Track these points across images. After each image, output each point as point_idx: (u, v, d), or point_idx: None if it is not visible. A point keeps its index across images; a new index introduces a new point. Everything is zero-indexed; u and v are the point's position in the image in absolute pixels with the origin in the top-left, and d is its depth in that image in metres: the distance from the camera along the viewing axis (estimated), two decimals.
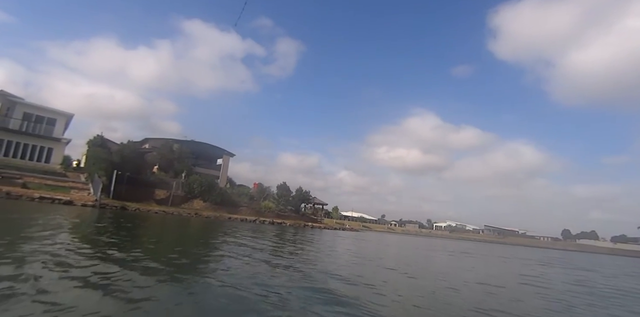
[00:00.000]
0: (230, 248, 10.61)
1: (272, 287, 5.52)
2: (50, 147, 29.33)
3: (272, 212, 39.26)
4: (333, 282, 6.49)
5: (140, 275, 5.52)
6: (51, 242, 7.44)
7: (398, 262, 12.99)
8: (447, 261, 17.05)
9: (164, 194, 31.29)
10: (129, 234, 11.50)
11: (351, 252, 15.18)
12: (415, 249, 23.46)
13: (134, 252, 7.68)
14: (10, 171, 22.39)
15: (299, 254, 11.29)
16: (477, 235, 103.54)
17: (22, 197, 18.89)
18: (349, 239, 26.56)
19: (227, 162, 47.14)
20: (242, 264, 8.01)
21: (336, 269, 8.48)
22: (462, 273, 11.59)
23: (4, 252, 5.53)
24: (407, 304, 5.47)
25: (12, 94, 28.47)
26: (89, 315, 3.29)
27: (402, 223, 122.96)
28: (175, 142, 40.46)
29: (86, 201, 21.77)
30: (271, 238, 16.52)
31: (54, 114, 30.26)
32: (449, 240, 65.58)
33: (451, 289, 7.34)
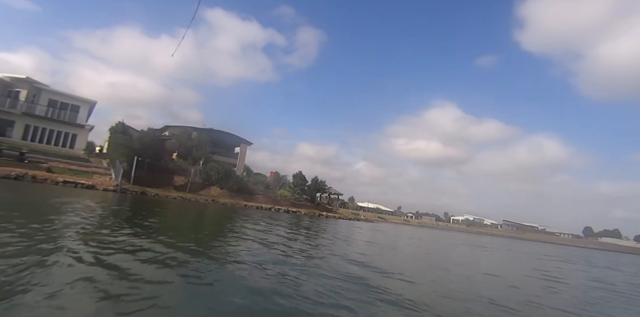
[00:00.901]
0: (248, 232, 10.72)
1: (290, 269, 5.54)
2: (74, 133, 30.21)
3: (288, 200, 39.53)
4: (350, 267, 6.43)
5: (166, 252, 5.67)
6: (76, 222, 7.70)
7: (417, 256, 12.86)
8: (473, 258, 16.77)
9: (183, 180, 31.89)
10: (151, 218, 11.75)
11: (366, 246, 15.12)
12: (434, 242, 23.22)
13: (155, 233, 7.85)
14: (36, 155, 23.21)
15: (315, 246, 11.27)
16: (495, 230, 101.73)
17: (46, 181, 19.59)
18: (363, 229, 26.46)
19: (244, 151, 47.59)
20: (260, 246, 8.07)
21: (348, 255, 8.41)
22: (487, 277, 11.37)
23: (36, 230, 6.08)
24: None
25: (38, 81, 29.33)
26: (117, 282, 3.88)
27: (418, 215, 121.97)
28: (194, 130, 41.03)
29: (108, 186, 22.41)
30: (286, 226, 16.61)
31: (78, 101, 31.05)
32: (466, 234, 64.68)
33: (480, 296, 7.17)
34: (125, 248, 5.82)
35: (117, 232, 7.35)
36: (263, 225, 14.78)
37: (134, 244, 6.31)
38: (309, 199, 45.18)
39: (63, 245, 5.24)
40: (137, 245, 6.24)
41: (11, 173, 18.64)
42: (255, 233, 10.87)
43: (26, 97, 28.11)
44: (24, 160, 21.47)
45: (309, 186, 46.34)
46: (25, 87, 28.32)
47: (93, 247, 5.47)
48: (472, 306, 5.00)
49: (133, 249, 5.82)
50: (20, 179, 18.53)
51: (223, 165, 36.11)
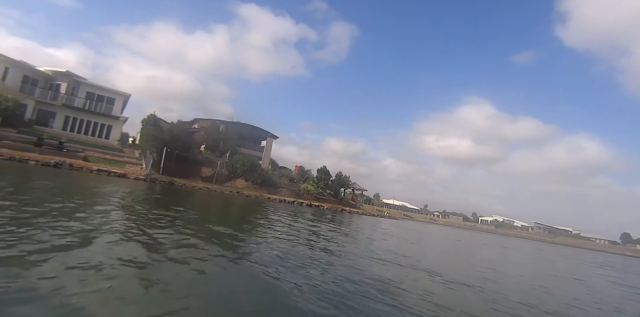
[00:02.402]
0: (271, 224, 10.89)
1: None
2: (109, 124, 31.69)
3: (311, 195, 39.73)
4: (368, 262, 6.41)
5: (194, 238, 5.92)
6: (112, 207, 8.18)
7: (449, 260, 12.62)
8: (509, 265, 16.28)
9: (209, 172, 32.74)
10: (180, 206, 12.18)
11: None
12: (462, 243, 22.68)
13: (187, 221, 8.16)
14: (74, 145, 24.54)
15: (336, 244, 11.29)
16: (526, 232, 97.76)
17: (82, 169, 20.69)
18: (380, 228, 26.21)
19: (270, 144, 48.16)
20: (282, 238, 8.19)
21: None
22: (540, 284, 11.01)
23: (79, 210, 6.97)
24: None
25: (77, 75, 30.91)
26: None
27: (445, 214, 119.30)
28: (222, 123, 41.92)
29: (138, 175, 23.38)
30: (308, 218, 16.72)
31: (113, 94, 32.48)
32: (495, 235, 62.61)
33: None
34: (162, 233, 6.16)
35: (150, 217, 7.75)
36: (285, 218, 14.96)
37: (166, 228, 6.65)
38: (333, 193, 45.19)
39: (105, 225, 6.05)
40: (169, 229, 6.56)
41: (51, 161, 19.82)
42: (277, 224, 11.03)
43: (66, 90, 29.72)
44: (62, 149, 22.76)
45: (332, 181, 46.32)
46: (65, 80, 29.93)
47: (129, 228, 6.05)
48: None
49: (167, 234, 6.15)
50: (59, 167, 19.69)
51: (248, 158, 36.71)
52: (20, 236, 4.44)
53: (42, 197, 8.29)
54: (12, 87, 26.36)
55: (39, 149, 21.20)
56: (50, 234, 4.77)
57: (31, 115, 27.19)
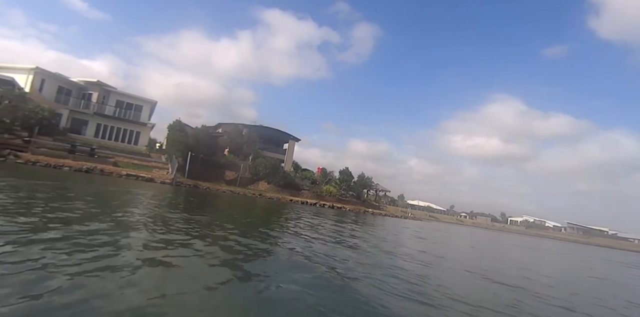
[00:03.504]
0: (296, 224, 11.03)
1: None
2: (137, 130, 32.98)
3: (333, 196, 39.74)
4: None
5: (222, 239, 6.14)
6: (142, 208, 8.56)
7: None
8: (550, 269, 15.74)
9: (233, 175, 33.42)
10: (208, 208, 12.56)
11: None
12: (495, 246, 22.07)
13: (212, 220, 8.44)
14: (104, 151, 25.71)
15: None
16: (558, 233, 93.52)
17: (112, 174, 21.66)
18: (409, 230, 25.82)
19: (292, 147, 48.63)
20: (305, 238, 8.31)
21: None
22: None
23: (114, 211, 7.50)
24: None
25: (107, 84, 32.40)
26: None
27: (472, 215, 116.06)
28: (244, 127, 42.72)
29: (165, 179, 24.20)
30: (331, 218, 16.78)
31: (141, 102, 33.81)
32: (526, 237, 60.30)
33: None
34: (190, 234, 6.41)
35: (177, 218, 8.07)
36: (309, 220, 15.06)
37: (192, 229, 6.90)
38: (355, 195, 45.03)
39: (135, 224, 6.47)
40: (196, 230, 6.81)
41: (83, 167, 20.86)
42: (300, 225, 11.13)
43: (97, 99, 31.21)
44: (94, 155, 23.90)
45: (355, 182, 46.18)
46: (96, 89, 31.43)
47: (158, 227, 6.55)
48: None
49: (195, 235, 6.39)
50: (90, 172, 20.69)
51: (271, 161, 37.22)
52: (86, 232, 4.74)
53: (85, 199, 8.78)
54: (48, 98, 27.95)
55: (72, 155, 22.37)
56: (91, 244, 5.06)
57: (66, 124, 28.71)
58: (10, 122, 21.41)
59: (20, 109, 22.46)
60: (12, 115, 21.74)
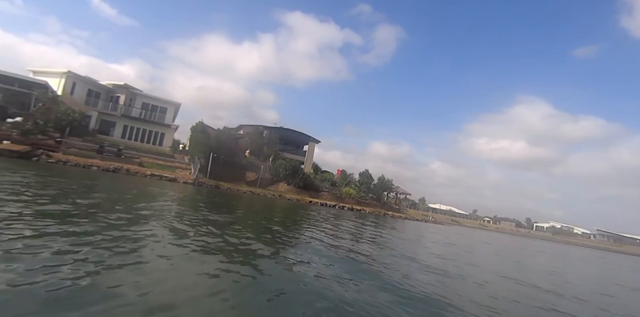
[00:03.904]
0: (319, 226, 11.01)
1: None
2: (162, 132, 33.88)
3: (353, 198, 39.49)
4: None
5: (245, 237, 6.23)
6: (167, 206, 8.77)
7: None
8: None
9: (253, 176, 33.75)
10: (227, 206, 12.73)
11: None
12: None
13: (232, 221, 8.55)
14: (130, 151, 26.50)
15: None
16: (587, 240, 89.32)
17: (137, 174, 22.27)
18: (433, 234, 25.32)
19: (312, 148, 48.70)
20: (325, 238, 8.27)
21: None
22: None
23: (143, 207, 7.85)
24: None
25: (133, 87, 33.45)
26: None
27: (496, 220, 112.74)
28: (265, 129, 43.14)
29: (187, 179, 24.68)
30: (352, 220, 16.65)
31: (165, 104, 34.71)
32: (554, 243, 58.00)
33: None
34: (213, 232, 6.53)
35: (200, 218, 8.21)
36: (329, 222, 15.01)
37: (216, 226, 7.00)
38: (375, 197, 44.61)
39: (161, 219, 6.74)
40: (219, 227, 6.91)
41: (110, 167, 21.55)
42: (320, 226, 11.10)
43: (124, 101, 32.26)
44: (121, 155, 24.67)
45: (375, 185, 45.78)
46: (124, 92, 32.51)
47: (183, 224, 6.86)
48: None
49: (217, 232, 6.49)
50: (117, 172, 21.34)
51: (291, 162, 37.36)
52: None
53: (118, 197, 9.08)
54: (79, 100, 29.13)
55: (100, 155, 23.16)
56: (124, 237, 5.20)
57: (95, 125, 29.82)
58: (44, 123, 22.41)
59: (53, 111, 23.49)
60: (46, 117, 22.76)
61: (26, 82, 26.14)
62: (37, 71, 29.46)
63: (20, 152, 18.40)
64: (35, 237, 4.19)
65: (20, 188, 7.79)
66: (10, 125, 21.27)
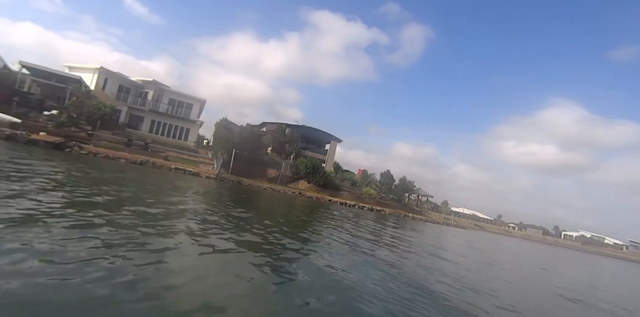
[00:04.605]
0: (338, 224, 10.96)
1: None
2: (187, 127, 34.65)
3: (373, 199, 39.14)
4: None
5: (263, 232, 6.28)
6: (192, 199, 8.94)
7: None
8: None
9: (274, 173, 34.04)
10: (248, 203, 12.89)
11: None
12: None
13: (254, 216, 8.64)
14: (157, 145, 27.27)
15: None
16: (619, 251, 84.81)
17: (162, 167, 22.88)
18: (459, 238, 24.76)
19: (334, 147, 48.64)
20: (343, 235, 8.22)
21: None
22: None
23: (171, 202, 8.07)
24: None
25: (161, 83, 34.40)
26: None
27: (522, 226, 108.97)
28: (288, 127, 43.41)
29: (210, 174, 25.15)
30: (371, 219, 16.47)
31: (191, 100, 35.47)
32: (584, 253, 55.49)
33: None
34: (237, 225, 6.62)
35: (224, 210, 8.33)
36: (349, 222, 14.91)
37: (236, 220, 7.10)
38: (396, 198, 44.04)
39: (186, 213, 6.85)
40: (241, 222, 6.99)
41: (137, 159, 22.24)
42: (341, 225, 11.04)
43: (152, 97, 33.22)
44: (148, 149, 25.42)
45: (396, 186, 45.22)
46: (152, 88, 33.48)
47: (210, 220, 6.80)
48: None
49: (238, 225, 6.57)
50: (144, 164, 22.00)
51: (312, 160, 37.44)
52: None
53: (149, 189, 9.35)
54: (110, 95, 30.19)
55: (128, 148, 23.96)
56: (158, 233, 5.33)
57: (124, 119, 30.85)
58: (77, 116, 23.38)
59: (86, 105, 24.44)
60: (79, 111, 23.73)
61: (62, 77, 27.33)
62: (72, 67, 30.77)
63: (55, 143, 19.25)
64: (72, 229, 4.33)
65: (62, 178, 8.15)
66: (46, 117, 22.32)
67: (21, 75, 26.21)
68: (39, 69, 26.26)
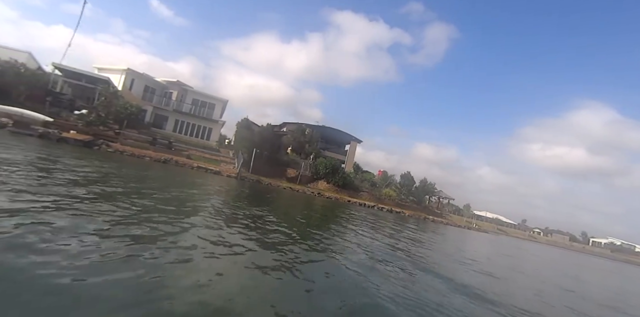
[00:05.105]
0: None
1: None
2: (210, 127, 35.32)
3: (393, 200, 38.70)
4: None
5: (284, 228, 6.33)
6: (214, 196, 9.12)
7: None
8: None
9: (294, 173, 34.18)
10: (268, 202, 13.01)
11: None
12: None
13: (270, 214, 8.72)
14: (180, 144, 27.90)
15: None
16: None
17: (185, 165, 23.39)
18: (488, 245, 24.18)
19: (354, 148, 48.40)
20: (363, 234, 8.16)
21: None
22: None
23: (192, 197, 8.17)
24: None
25: (185, 84, 35.20)
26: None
27: (547, 232, 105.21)
28: (308, 127, 43.51)
29: (230, 173, 25.52)
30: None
31: (213, 100, 36.15)
32: (611, 261, 53.09)
33: None
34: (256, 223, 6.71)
35: (243, 208, 8.45)
36: (368, 222, 14.81)
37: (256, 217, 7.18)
38: (416, 200, 43.40)
39: (208, 209, 6.89)
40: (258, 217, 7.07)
41: (161, 158, 22.82)
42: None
43: (176, 97, 34.05)
44: (171, 148, 26.04)
45: (416, 187, 44.56)
46: (176, 88, 34.33)
47: (231, 218, 6.98)
48: None
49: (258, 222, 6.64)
50: (167, 163, 22.55)
51: (331, 160, 37.37)
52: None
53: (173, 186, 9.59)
54: (137, 95, 31.15)
55: (153, 147, 24.62)
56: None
57: (149, 119, 31.74)
58: (105, 116, 24.19)
59: (113, 104, 25.24)
60: (107, 110, 24.54)
61: (91, 78, 28.39)
62: (101, 68, 31.92)
63: (84, 141, 20.00)
64: (113, 221, 4.47)
65: (98, 175, 8.45)
66: (76, 116, 23.20)
67: (54, 76, 27.41)
68: (70, 70, 27.39)
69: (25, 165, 7.66)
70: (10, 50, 27.33)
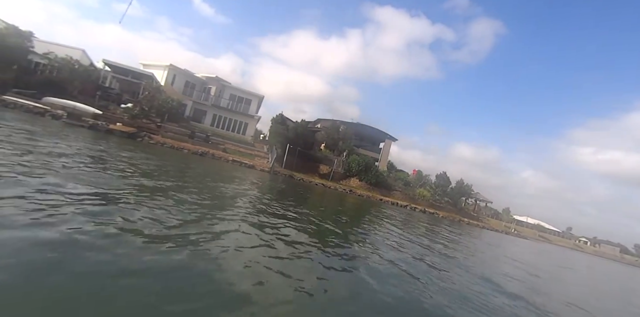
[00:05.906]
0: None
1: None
2: (246, 122, 36.10)
3: (426, 200, 37.69)
4: None
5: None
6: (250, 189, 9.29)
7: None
8: None
9: (327, 169, 34.18)
10: (302, 198, 13.09)
11: None
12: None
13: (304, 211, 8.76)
14: (217, 138, 28.72)
15: None
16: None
17: (221, 159, 24.03)
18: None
19: (388, 146, 47.61)
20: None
21: None
22: None
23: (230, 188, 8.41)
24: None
25: (223, 79, 36.16)
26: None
27: (595, 242, 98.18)
28: (342, 124, 43.34)
29: (264, 167, 25.91)
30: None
31: (250, 96, 36.87)
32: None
33: None
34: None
35: (280, 204, 8.55)
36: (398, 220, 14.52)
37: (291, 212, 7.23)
38: (451, 202, 41.99)
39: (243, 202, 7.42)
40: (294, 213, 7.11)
41: (199, 150, 23.60)
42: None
43: (215, 93, 35.07)
44: (208, 141, 26.87)
45: (452, 188, 43.11)
46: (214, 84, 35.35)
47: (267, 213, 7.13)
48: None
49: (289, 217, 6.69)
50: (204, 155, 23.27)
51: (365, 158, 36.97)
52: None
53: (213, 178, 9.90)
54: (178, 90, 32.41)
55: (191, 140, 25.51)
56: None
57: (189, 113, 32.95)
58: (148, 109, 25.35)
59: (156, 99, 26.41)
60: (150, 104, 25.71)
61: (137, 73, 29.86)
62: (146, 64, 33.51)
63: (129, 133, 21.08)
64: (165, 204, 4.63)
65: (148, 167, 8.86)
66: (122, 110, 24.52)
67: (104, 72, 29.12)
68: (118, 66, 28.95)
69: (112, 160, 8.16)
70: (66, 47, 29.37)
